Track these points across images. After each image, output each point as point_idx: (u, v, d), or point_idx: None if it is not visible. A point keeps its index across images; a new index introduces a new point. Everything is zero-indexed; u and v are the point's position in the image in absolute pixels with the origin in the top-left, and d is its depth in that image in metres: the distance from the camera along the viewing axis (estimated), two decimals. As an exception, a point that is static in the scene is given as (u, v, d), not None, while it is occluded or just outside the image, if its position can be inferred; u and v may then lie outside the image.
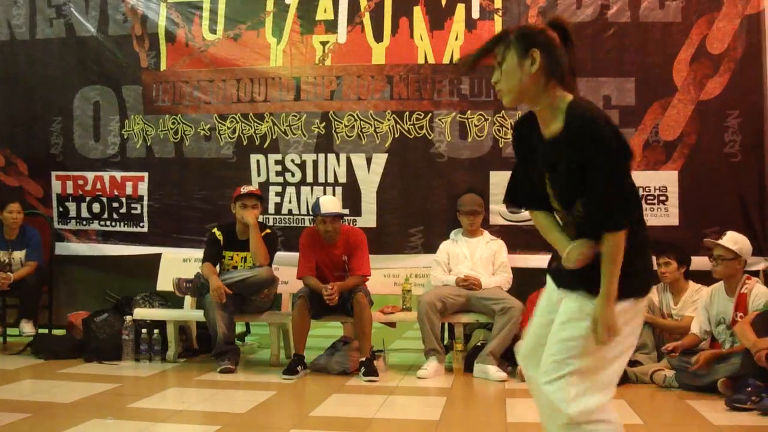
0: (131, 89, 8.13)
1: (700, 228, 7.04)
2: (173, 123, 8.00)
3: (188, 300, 7.46)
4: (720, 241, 5.95)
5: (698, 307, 6.14)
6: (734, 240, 5.95)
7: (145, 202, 8.11)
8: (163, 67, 8.06)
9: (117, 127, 8.16)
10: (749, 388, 5.05)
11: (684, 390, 5.73)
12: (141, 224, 8.12)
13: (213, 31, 7.97)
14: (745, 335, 5.30)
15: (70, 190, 8.26)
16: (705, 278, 6.35)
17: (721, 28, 7.21)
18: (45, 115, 8.31)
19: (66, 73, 8.29)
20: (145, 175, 8.10)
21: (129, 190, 8.13)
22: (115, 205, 8.17)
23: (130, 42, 8.13)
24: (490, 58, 2.89)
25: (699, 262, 6.58)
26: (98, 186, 8.20)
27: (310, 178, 7.75)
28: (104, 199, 8.20)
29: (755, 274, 6.47)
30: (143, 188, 8.10)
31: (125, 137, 8.15)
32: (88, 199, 8.24)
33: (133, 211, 8.13)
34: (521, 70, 2.79)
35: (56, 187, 8.29)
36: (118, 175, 8.16)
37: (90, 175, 8.21)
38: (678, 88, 7.24)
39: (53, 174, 8.30)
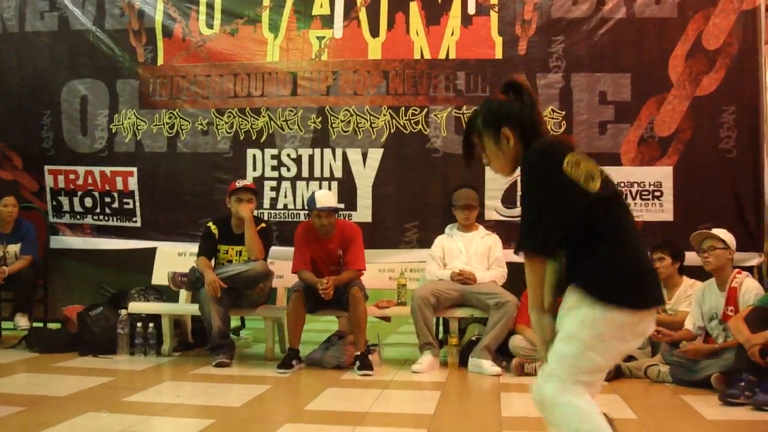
0: (126, 83, 8.11)
1: (695, 223, 7.05)
2: (170, 117, 7.98)
3: (183, 294, 7.46)
4: (712, 231, 6.00)
5: (691, 303, 6.15)
6: (723, 232, 6.02)
7: (137, 197, 8.09)
8: (160, 61, 8.05)
9: (105, 121, 8.14)
10: (742, 383, 5.07)
11: (678, 385, 5.76)
12: (134, 219, 8.11)
13: (210, 26, 7.97)
14: (738, 330, 5.31)
15: (62, 185, 8.25)
16: (699, 274, 6.37)
17: (717, 23, 7.22)
18: (36, 108, 8.28)
19: (56, 66, 8.26)
20: (134, 169, 8.08)
21: (120, 185, 8.11)
22: (108, 199, 8.16)
23: (126, 36, 8.11)
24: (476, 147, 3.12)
25: (693, 258, 6.59)
26: (89, 180, 8.18)
27: (305, 173, 7.75)
28: (96, 194, 8.18)
29: (749, 269, 6.50)
30: (133, 183, 8.08)
31: (113, 131, 8.12)
32: (80, 193, 8.22)
33: (125, 206, 8.12)
34: (501, 149, 3.02)
35: (49, 181, 8.27)
36: (108, 169, 8.14)
37: (81, 170, 8.19)
38: (673, 84, 7.25)
39: (46, 168, 8.28)
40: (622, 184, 7.17)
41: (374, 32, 7.68)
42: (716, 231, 6.03)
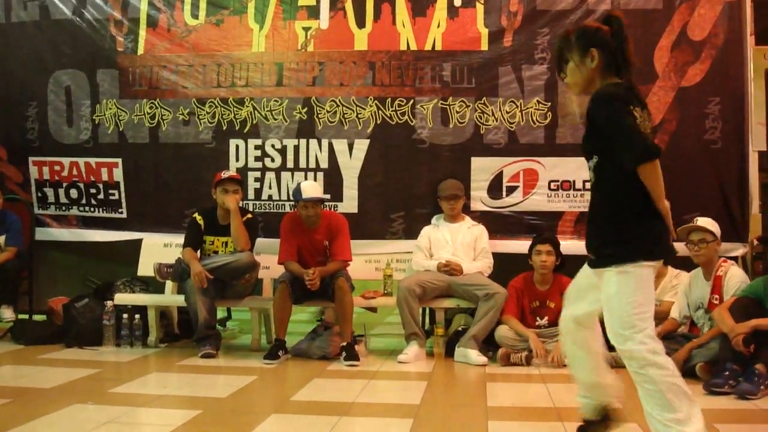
0: (106, 73, 8.05)
1: (680, 214, 7.03)
2: (150, 107, 7.94)
3: (169, 285, 7.45)
4: (700, 223, 6.00)
5: (678, 292, 6.19)
6: (710, 222, 6.04)
7: (122, 188, 8.05)
8: (140, 51, 8.00)
9: (88, 112, 8.08)
10: (726, 372, 5.10)
11: (663, 374, 5.76)
12: (120, 210, 8.08)
13: (195, 17, 7.93)
14: (723, 320, 5.34)
15: (47, 176, 8.19)
16: (683, 264, 6.39)
17: (702, 14, 7.24)
18: (21, 99, 8.22)
19: (40, 56, 8.20)
20: (119, 161, 8.04)
21: (105, 176, 8.06)
22: (93, 191, 8.12)
23: (106, 26, 8.06)
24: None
25: (678, 248, 6.62)
26: (74, 172, 8.13)
27: (291, 164, 7.73)
28: (81, 185, 8.14)
29: (734, 260, 6.53)
30: (119, 174, 8.04)
31: (96, 122, 8.07)
32: (65, 184, 8.17)
33: (111, 197, 8.08)
34: (584, 66, 3.39)
35: (34, 172, 8.22)
36: (93, 161, 8.08)
37: (66, 161, 8.13)
38: (659, 75, 7.27)
39: (30, 159, 8.22)
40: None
41: (360, 23, 7.67)
42: (702, 222, 6.05)
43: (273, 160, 7.77)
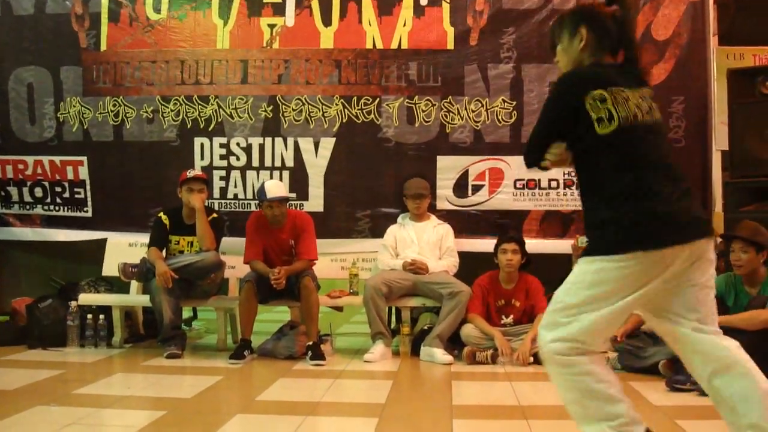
0: (70, 70, 7.93)
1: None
2: (114, 105, 7.86)
3: (134, 285, 7.40)
4: None
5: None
6: None
7: (88, 186, 7.97)
8: (103, 47, 7.90)
9: (52, 109, 7.97)
10: (689, 370, 5.14)
11: (626, 371, 5.81)
12: (85, 209, 8.00)
13: (157, 11, 7.84)
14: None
15: (10, 174, 8.06)
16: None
17: (666, 14, 7.31)
18: None
19: (1, 54, 8.07)
20: (84, 159, 7.95)
21: (70, 175, 7.96)
22: (58, 189, 8.01)
23: (68, 21, 7.95)
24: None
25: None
26: (39, 170, 8.01)
27: (256, 162, 7.70)
28: (46, 184, 8.02)
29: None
30: (84, 172, 7.94)
31: (60, 120, 7.97)
32: (29, 183, 8.05)
33: (76, 196, 7.99)
34: (571, 46, 3.11)
35: (-3, 171, 8.13)
36: (57, 159, 7.98)
37: (30, 159, 8.01)
38: (623, 74, 7.30)
39: (-7, 158, 8.14)
40: (572, 173, 7.24)
41: (326, 21, 7.65)
42: None
43: (238, 159, 7.73)
